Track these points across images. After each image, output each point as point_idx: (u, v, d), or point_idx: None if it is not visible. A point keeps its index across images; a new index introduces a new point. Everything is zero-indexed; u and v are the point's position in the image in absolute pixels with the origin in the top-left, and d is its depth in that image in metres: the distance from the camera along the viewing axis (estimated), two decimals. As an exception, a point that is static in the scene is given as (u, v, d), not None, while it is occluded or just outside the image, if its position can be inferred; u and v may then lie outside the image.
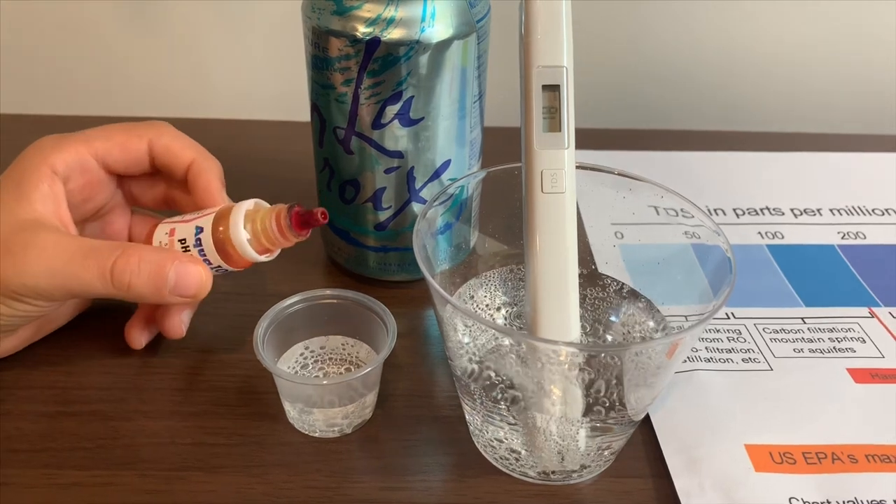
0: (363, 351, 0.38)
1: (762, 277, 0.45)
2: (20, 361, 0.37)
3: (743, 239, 0.48)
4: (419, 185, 0.40)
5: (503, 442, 0.33)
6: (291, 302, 0.37)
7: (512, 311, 0.38)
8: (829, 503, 0.33)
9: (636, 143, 0.58)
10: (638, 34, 0.63)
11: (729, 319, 0.42)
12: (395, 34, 0.36)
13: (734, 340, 0.41)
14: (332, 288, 0.37)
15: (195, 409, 0.36)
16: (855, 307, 0.43)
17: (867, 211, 0.51)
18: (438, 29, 0.36)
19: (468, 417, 0.35)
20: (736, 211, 0.51)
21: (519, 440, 0.33)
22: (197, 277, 0.34)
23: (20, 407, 0.36)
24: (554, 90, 0.32)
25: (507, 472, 0.34)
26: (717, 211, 0.51)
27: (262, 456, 0.34)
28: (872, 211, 0.51)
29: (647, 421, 0.36)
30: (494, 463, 0.34)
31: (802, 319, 0.42)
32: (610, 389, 0.32)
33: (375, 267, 0.43)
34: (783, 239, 0.49)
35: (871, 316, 0.43)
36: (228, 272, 0.36)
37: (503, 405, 0.32)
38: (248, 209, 0.35)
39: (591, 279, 0.38)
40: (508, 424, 0.33)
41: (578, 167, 0.33)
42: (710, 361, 0.39)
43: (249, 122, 0.60)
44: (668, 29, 0.63)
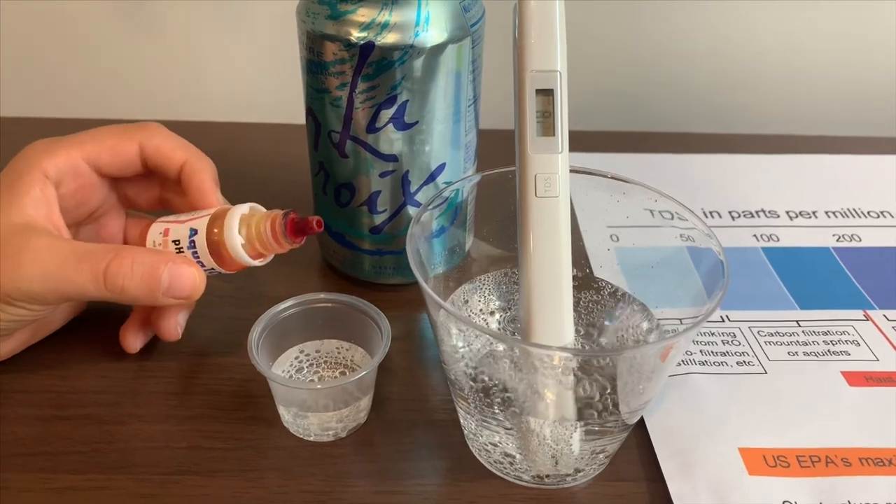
0: (358, 355, 0.38)
1: (757, 280, 0.45)
2: (15, 365, 0.37)
3: (738, 241, 0.48)
4: (414, 188, 0.40)
5: (497, 446, 0.33)
6: (286, 306, 0.37)
7: (507, 314, 0.38)
8: (822, 506, 0.33)
9: (632, 145, 0.58)
10: (633, 36, 0.63)
11: (723, 322, 0.42)
12: (389, 38, 0.36)
13: (729, 343, 0.41)
14: (326, 292, 0.38)
15: (190, 412, 0.36)
16: (850, 310, 0.43)
17: (862, 213, 0.51)
18: (433, 33, 0.36)
19: (463, 421, 0.35)
20: (731, 213, 0.51)
21: (513, 444, 0.33)
22: (190, 279, 0.34)
23: (15, 411, 0.36)
24: (547, 94, 0.32)
25: (501, 475, 0.34)
26: (712, 213, 0.51)
27: (256, 460, 0.34)
28: (868, 213, 0.51)
29: (641, 424, 0.36)
30: (489, 467, 0.34)
31: (797, 322, 0.42)
32: (604, 393, 0.32)
33: (371, 270, 0.43)
34: (778, 241, 0.49)
35: (865, 319, 0.43)
36: (221, 274, 0.36)
37: (497, 409, 0.32)
38: (243, 213, 0.35)
39: (585, 282, 0.38)
40: (504, 429, 0.33)
41: (572, 171, 0.34)
42: (704, 365, 0.39)
43: (246, 125, 0.60)
44: (662, 31, 0.63)
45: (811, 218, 0.51)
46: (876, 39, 0.63)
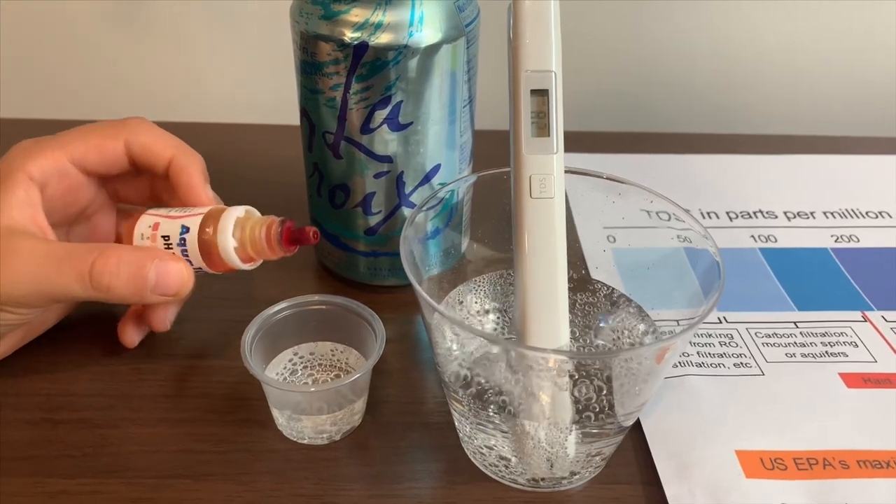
0: (352, 357, 0.38)
1: (755, 281, 0.45)
2: (6, 369, 0.37)
3: (736, 242, 0.48)
4: (409, 189, 0.40)
5: (493, 449, 0.33)
6: (279, 308, 0.36)
7: (502, 316, 0.37)
8: (820, 509, 0.33)
9: (629, 145, 0.58)
10: (634, 37, 0.63)
11: (721, 324, 0.42)
12: (383, 39, 0.35)
13: (726, 345, 0.41)
14: (320, 294, 0.37)
15: (183, 416, 0.36)
16: (848, 311, 0.43)
17: (861, 214, 0.51)
18: (427, 33, 0.36)
19: (458, 424, 0.35)
20: (729, 214, 0.51)
21: (508, 447, 0.33)
22: (178, 275, 0.34)
23: (7, 415, 0.36)
24: (542, 95, 0.31)
25: (496, 479, 0.34)
26: (710, 214, 0.51)
27: (250, 463, 0.34)
28: (866, 214, 0.51)
29: (637, 427, 0.36)
30: (484, 470, 0.34)
31: (795, 324, 0.42)
32: (599, 395, 0.31)
33: (366, 272, 0.43)
34: (776, 242, 0.48)
35: (863, 320, 0.42)
36: (206, 273, 0.35)
37: (492, 412, 0.32)
38: (238, 216, 0.35)
39: (581, 284, 0.38)
40: (499, 432, 0.32)
41: (568, 171, 0.33)
42: (701, 366, 0.39)
43: (241, 125, 0.60)
44: (664, 31, 0.63)
45: (809, 218, 0.51)
46: (877, 39, 0.63)
